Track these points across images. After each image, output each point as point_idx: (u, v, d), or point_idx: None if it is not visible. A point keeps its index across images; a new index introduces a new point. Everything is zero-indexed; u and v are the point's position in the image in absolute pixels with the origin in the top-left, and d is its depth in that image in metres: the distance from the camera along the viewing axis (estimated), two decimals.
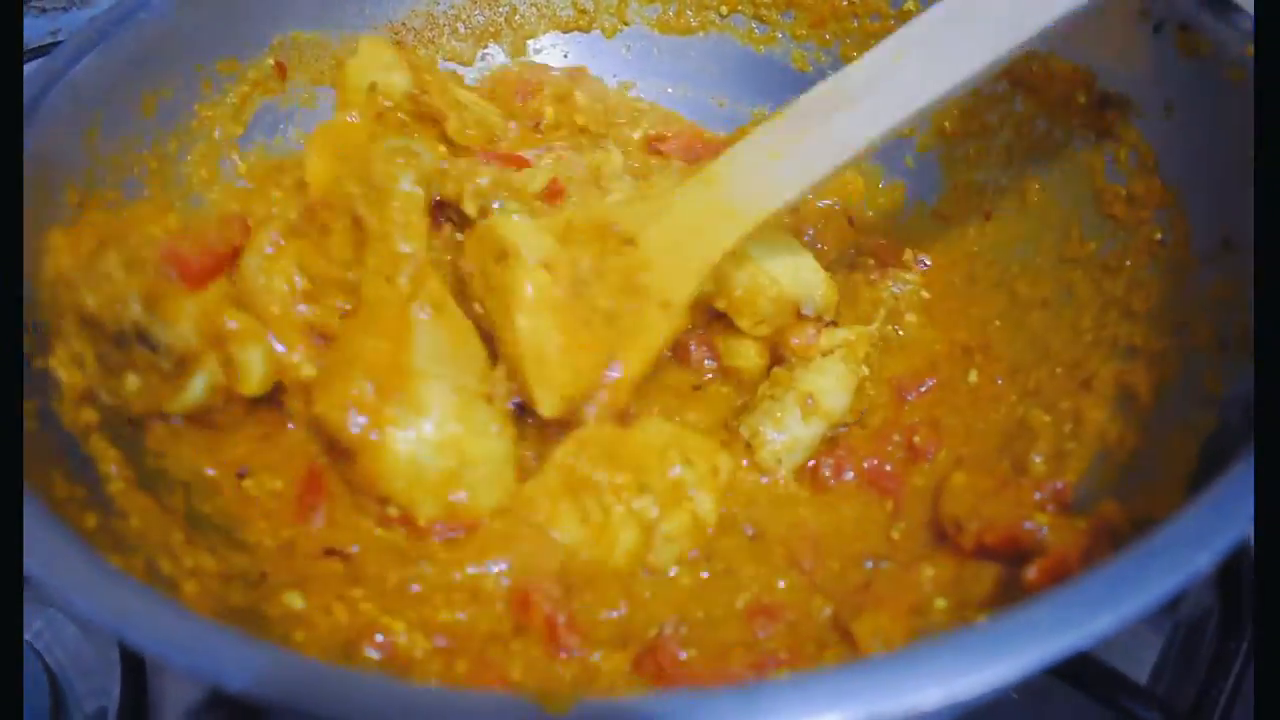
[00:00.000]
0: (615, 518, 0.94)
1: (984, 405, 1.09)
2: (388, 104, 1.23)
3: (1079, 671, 0.94)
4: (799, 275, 1.08)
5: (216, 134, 1.23)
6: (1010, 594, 0.87)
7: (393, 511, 0.95)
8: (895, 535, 1.00)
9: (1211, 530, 0.63)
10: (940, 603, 0.90)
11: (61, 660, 1.05)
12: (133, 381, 0.98)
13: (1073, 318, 1.11)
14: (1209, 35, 1.01)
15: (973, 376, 1.11)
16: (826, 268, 1.12)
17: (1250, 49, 0.97)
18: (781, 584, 0.95)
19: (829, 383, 1.05)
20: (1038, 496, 0.94)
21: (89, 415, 0.94)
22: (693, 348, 1.12)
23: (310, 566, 0.93)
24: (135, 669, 1.02)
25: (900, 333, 1.15)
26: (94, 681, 1.05)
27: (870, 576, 0.94)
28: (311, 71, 1.32)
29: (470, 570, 0.92)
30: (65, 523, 0.75)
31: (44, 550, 0.70)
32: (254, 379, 1.02)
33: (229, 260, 1.06)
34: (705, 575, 0.96)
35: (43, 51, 1.57)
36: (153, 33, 1.14)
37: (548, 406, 0.98)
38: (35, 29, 1.68)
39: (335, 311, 1.05)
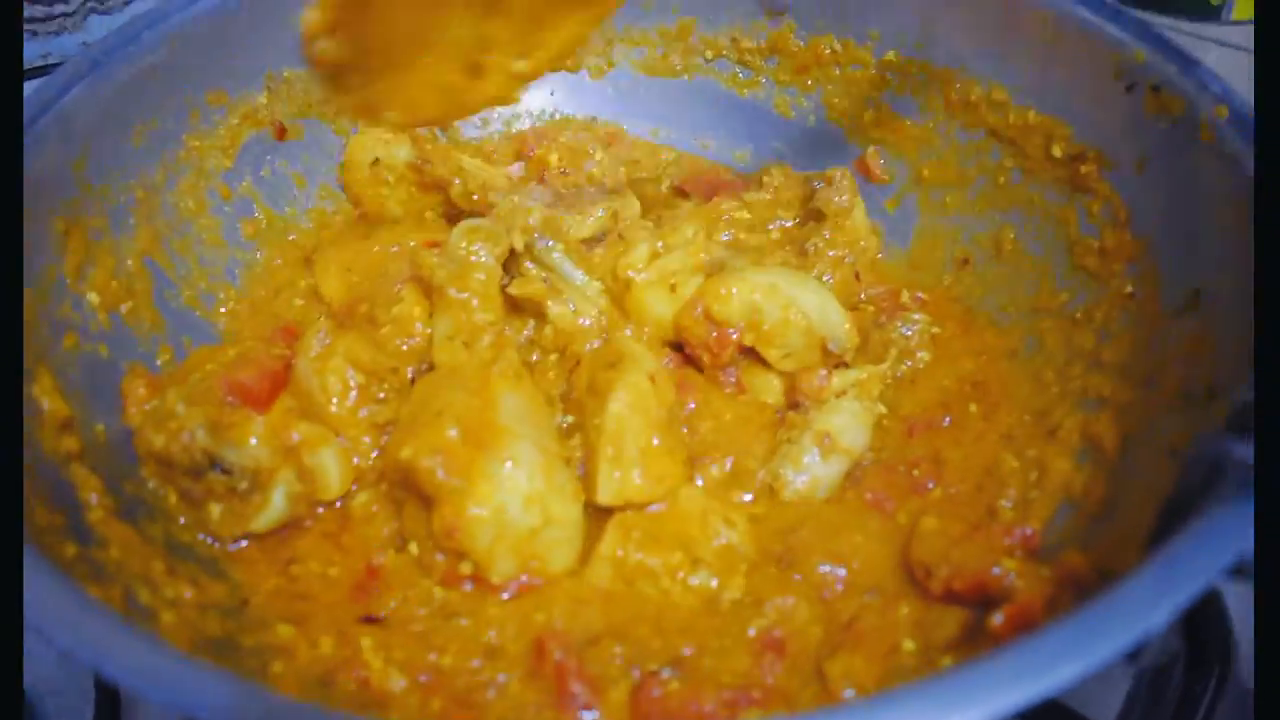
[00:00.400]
0: (676, 596, 0.96)
1: (971, 444, 1.10)
2: (388, 178, 1.30)
3: (1041, 715, 0.95)
4: (826, 314, 1.11)
5: (207, 166, 1.24)
6: (975, 638, 0.88)
7: (465, 568, 0.94)
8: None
9: (1168, 587, 0.65)
10: (909, 644, 0.90)
11: (34, 683, 1.05)
12: (215, 510, 1.00)
13: (1039, 367, 1.13)
14: (1181, 95, 1.04)
15: (972, 408, 1.13)
16: None
17: (1220, 110, 1.00)
18: (790, 602, 0.95)
19: (844, 420, 1.07)
20: (1006, 542, 0.96)
21: (69, 443, 0.95)
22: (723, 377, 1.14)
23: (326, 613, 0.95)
24: (110, 694, 1.02)
25: (913, 366, 1.17)
26: (66, 702, 1.05)
27: (859, 610, 0.94)
28: (299, 105, 1.34)
29: (509, 629, 0.93)
30: (45, 552, 0.75)
31: (26, 582, 0.70)
32: (333, 482, 1.03)
33: (285, 374, 1.08)
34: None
35: (35, 74, 1.58)
36: (145, 64, 1.15)
37: (607, 493, 0.99)
38: (26, 52, 1.69)
39: (393, 404, 1.08)
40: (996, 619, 0.84)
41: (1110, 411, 1.02)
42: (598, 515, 1.00)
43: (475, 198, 1.29)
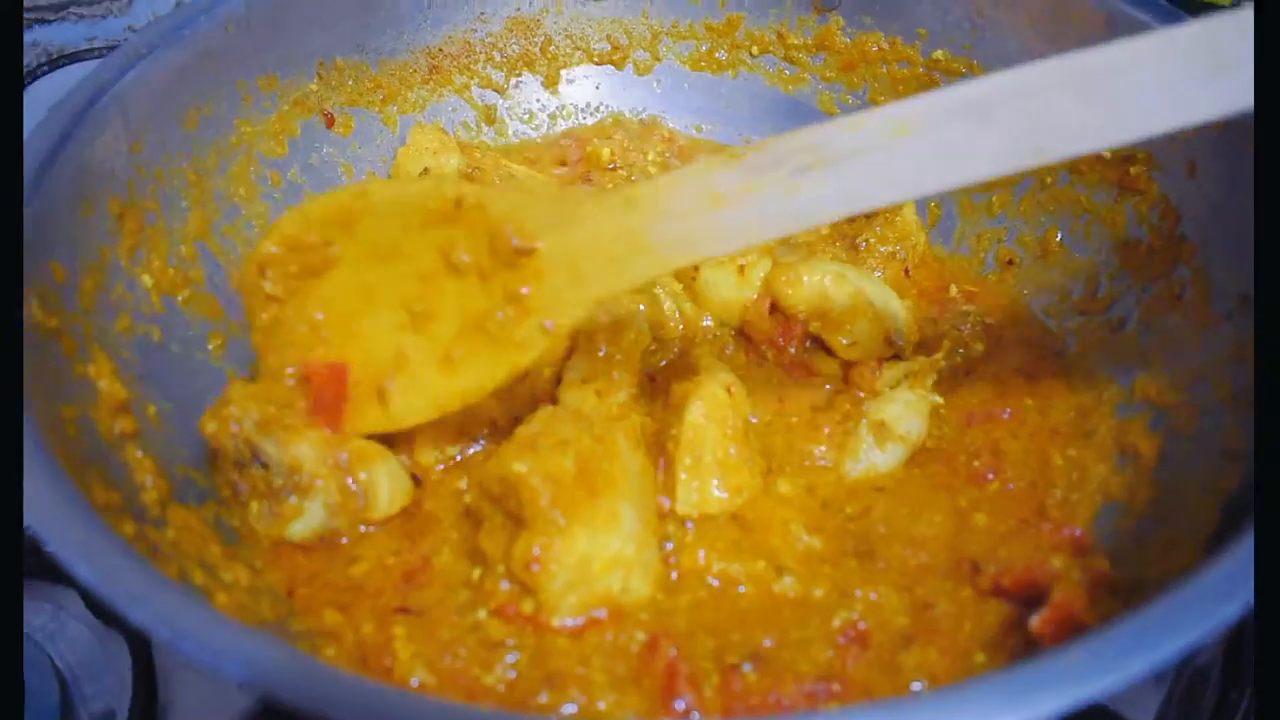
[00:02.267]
0: (761, 597, 0.95)
1: (1028, 437, 1.10)
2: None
3: (1081, 715, 0.95)
4: (889, 306, 1.13)
5: (257, 151, 1.25)
6: (1011, 635, 0.89)
7: (527, 607, 0.91)
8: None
9: (1240, 583, 0.65)
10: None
11: (69, 660, 1.05)
12: (255, 507, 0.99)
13: (1084, 368, 1.14)
14: None
15: (1028, 401, 1.13)
16: None
17: None
18: (878, 595, 0.95)
19: (898, 410, 1.07)
20: (1054, 540, 0.96)
21: (125, 424, 0.95)
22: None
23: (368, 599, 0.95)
24: (147, 672, 1.02)
25: (966, 355, 1.18)
26: (101, 682, 1.05)
27: (934, 595, 0.94)
28: (349, 94, 1.35)
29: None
30: (110, 528, 0.76)
31: (94, 556, 0.71)
32: (382, 500, 1.00)
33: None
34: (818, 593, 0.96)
35: (79, 57, 1.59)
36: (200, 48, 1.15)
37: (686, 504, 0.99)
38: (72, 35, 1.70)
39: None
40: (1033, 621, 0.84)
41: (1150, 415, 1.03)
42: (677, 526, 1.00)
43: None
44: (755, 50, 1.45)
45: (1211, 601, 0.64)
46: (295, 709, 0.63)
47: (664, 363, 1.14)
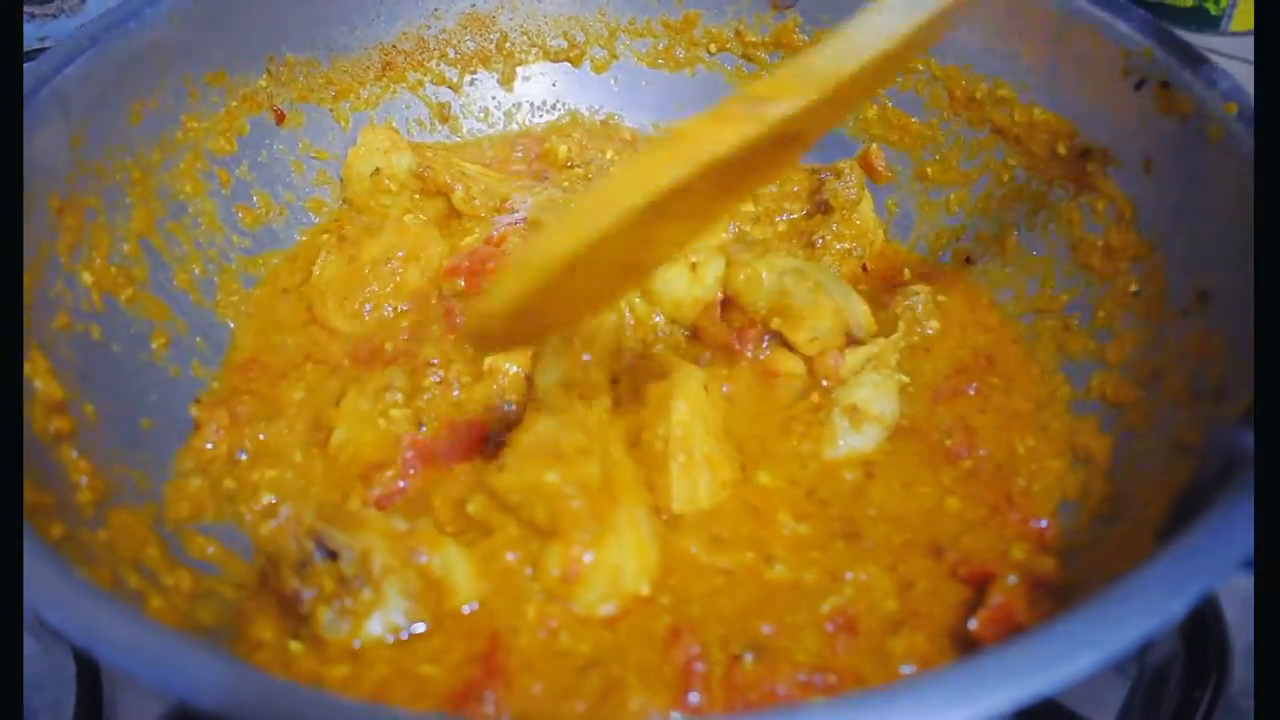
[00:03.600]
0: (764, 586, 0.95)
1: (995, 413, 1.10)
2: (390, 186, 1.29)
3: (1043, 716, 0.94)
4: (849, 302, 1.12)
5: (205, 148, 1.23)
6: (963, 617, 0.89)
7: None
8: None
9: (1186, 577, 0.64)
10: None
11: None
12: (324, 615, 0.85)
13: (1040, 361, 1.13)
14: (1189, 93, 1.03)
15: (994, 380, 1.13)
16: None
17: (1230, 107, 0.99)
18: (867, 576, 0.94)
19: (868, 392, 1.07)
20: (1020, 530, 0.97)
21: (60, 424, 0.93)
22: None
23: None
24: (91, 683, 1.00)
25: (924, 333, 1.17)
26: (49, 695, 1.03)
27: (916, 575, 0.95)
28: (299, 89, 1.33)
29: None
30: (35, 531, 0.74)
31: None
32: (461, 587, 0.90)
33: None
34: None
35: (31, 57, 1.56)
36: (143, 41, 1.13)
37: (681, 501, 0.98)
38: (24, 34, 1.67)
39: None
40: (972, 622, 0.85)
41: (1103, 416, 1.02)
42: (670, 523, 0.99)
43: (477, 203, 1.29)
44: (713, 48, 1.44)
45: (1158, 596, 0.63)
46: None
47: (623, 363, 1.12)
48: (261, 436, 1.08)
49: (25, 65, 1.05)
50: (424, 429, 1.06)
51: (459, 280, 1.19)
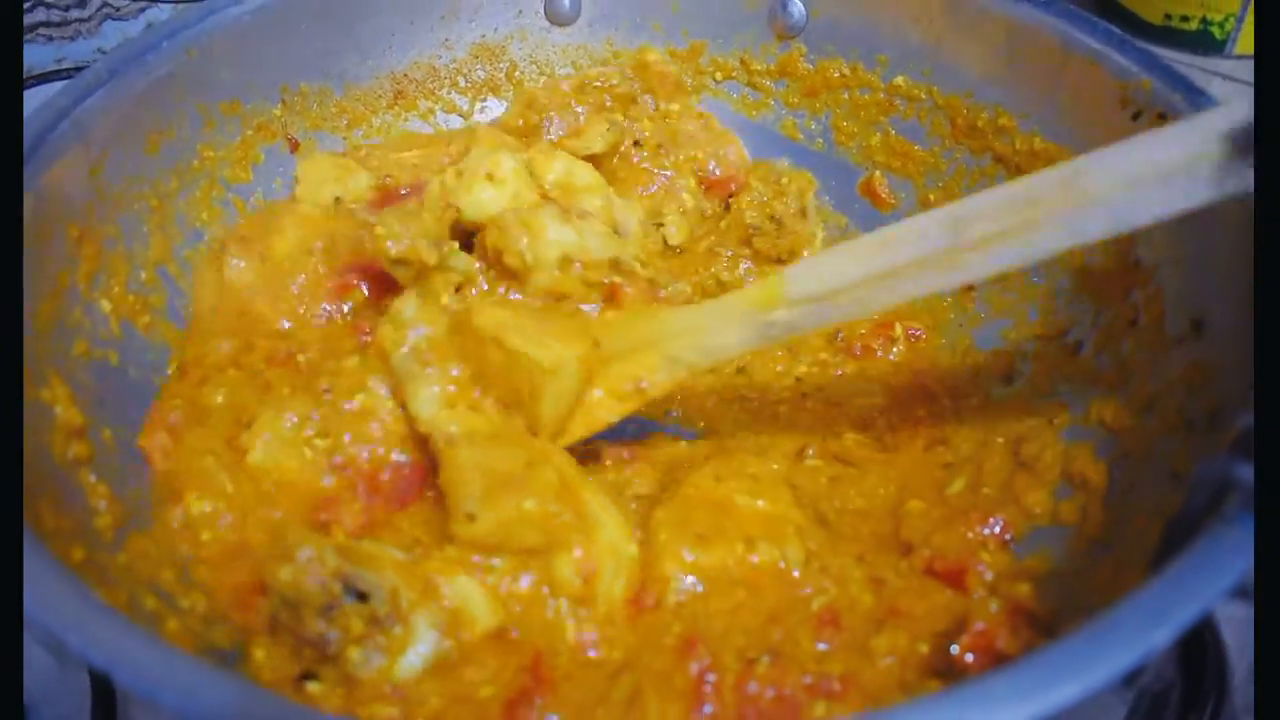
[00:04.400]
0: (754, 578, 0.96)
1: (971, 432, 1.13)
2: (354, 206, 1.27)
3: None
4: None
5: (220, 176, 1.26)
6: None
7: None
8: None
9: (1173, 605, 0.65)
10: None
11: (30, 686, 1.05)
12: (355, 655, 0.84)
13: (1030, 393, 1.15)
14: None
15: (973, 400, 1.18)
16: None
17: None
18: (840, 564, 0.97)
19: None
20: (984, 532, 0.99)
21: (79, 449, 0.95)
22: None
23: None
24: (106, 700, 1.01)
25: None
26: (60, 708, 1.05)
27: (883, 569, 0.97)
28: (313, 119, 1.36)
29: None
30: (54, 555, 0.76)
31: (35, 585, 0.70)
32: (481, 614, 0.90)
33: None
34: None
35: (49, 78, 1.60)
36: (162, 73, 1.16)
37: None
38: (41, 56, 1.70)
39: None
40: (954, 649, 0.86)
41: (1098, 442, 1.04)
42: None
43: None
44: (719, 76, 1.46)
45: (1143, 626, 0.64)
46: None
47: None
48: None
49: (46, 93, 1.08)
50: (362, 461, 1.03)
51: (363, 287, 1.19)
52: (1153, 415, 0.99)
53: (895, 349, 1.26)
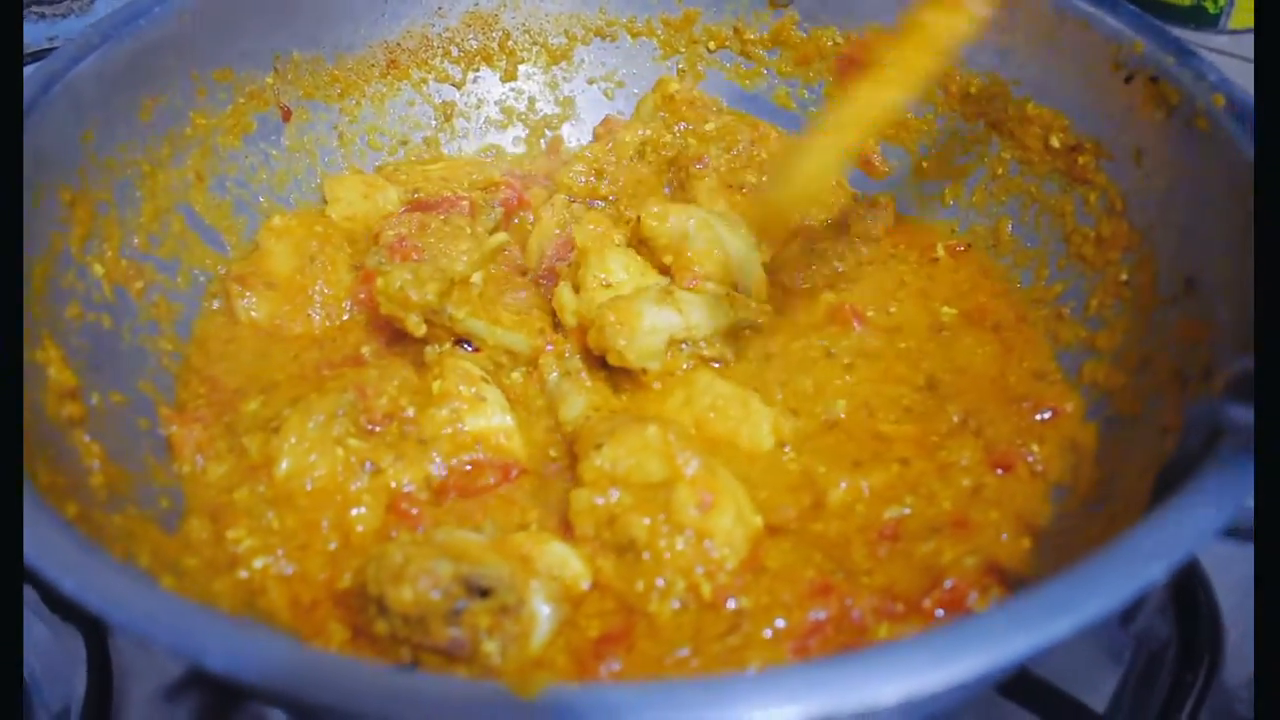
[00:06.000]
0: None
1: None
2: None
3: (1038, 699, 0.95)
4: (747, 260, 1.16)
5: (213, 144, 1.25)
6: None
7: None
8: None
9: (1167, 541, 0.65)
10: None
11: (31, 663, 1.05)
12: (491, 649, 0.82)
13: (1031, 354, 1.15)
14: (1178, 86, 1.05)
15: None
16: None
17: (1217, 99, 1.01)
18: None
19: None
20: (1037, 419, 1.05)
21: (72, 409, 0.95)
22: None
23: None
24: (101, 667, 1.01)
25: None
26: (60, 681, 1.04)
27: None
28: (305, 87, 1.35)
29: None
30: (50, 507, 0.75)
31: (33, 534, 0.70)
32: (578, 575, 0.91)
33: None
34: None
35: (40, 56, 1.58)
36: (153, 39, 1.16)
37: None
38: (34, 34, 1.70)
39: None
40: (926, 603, 0.87)
41: (1090, 404, 1.05)
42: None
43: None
44: (712, 45, 1.46)
45: (1138, 562, 0.65)
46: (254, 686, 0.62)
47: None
48: None
49: (38, 63, 1.07)
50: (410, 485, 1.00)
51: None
52: (1146, 373, 1.00)
53: None
